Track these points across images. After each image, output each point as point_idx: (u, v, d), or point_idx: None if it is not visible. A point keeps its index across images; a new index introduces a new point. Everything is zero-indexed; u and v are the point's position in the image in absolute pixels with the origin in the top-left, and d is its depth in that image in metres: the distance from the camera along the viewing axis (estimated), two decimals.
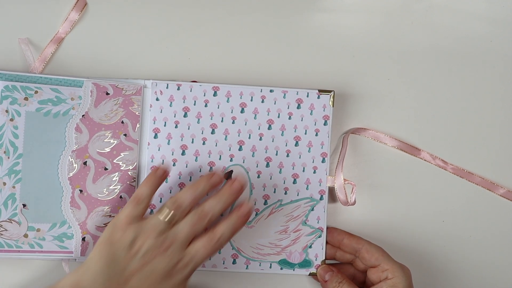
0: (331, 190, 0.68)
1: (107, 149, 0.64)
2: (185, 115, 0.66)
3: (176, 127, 0.66)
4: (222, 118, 0.66)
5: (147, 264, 0.57)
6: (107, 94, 0.64)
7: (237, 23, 0.69)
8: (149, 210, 0.64)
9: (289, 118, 0.66)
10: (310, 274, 0.66)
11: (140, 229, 0.57)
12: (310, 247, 0.66)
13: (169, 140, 0.65)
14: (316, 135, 0.66)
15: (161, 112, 0.65)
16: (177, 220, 0.58)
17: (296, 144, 0.66)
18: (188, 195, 0.59)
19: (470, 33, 0.71)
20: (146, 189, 0.59)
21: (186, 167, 0.66)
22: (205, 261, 0.60)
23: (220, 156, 0.66)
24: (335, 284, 0.63)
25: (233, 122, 0.66)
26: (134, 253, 0.57)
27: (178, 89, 0.66)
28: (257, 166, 0.66)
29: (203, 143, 0.66)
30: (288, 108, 0.66)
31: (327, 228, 0.67)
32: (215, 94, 0.66)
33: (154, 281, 0.57)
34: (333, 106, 0.66)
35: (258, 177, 0.66)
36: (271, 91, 0.66)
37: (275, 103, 0.66)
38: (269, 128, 0.66)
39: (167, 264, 0.57)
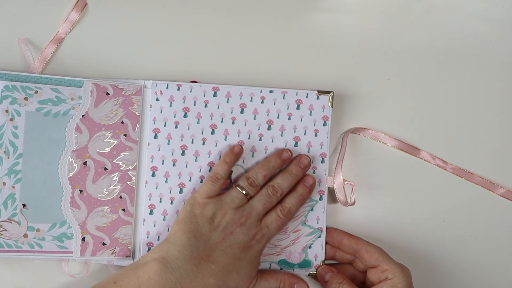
0: (331, 191, 0.68)
1: (107, 149, 0.64)
2: (185, 116, 0.66)
3: (176, 127, 0.66)
4: (222, 118, 0.66)
5: (228, 237, 0.61)
6: (107, 94, 0.64)
7: (237, 23, 0.69)
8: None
9: (289, 118, 0.66)
10: (310, 275, 0.66)
11: (219, 204, 0.62)
12: (310, 247, 0.66)
13: (169, 141, 0.66)
14: (316, 135, 0.66)
15: (161, 112, 0.66)
16: (252, 196, 0.63)
17: (296, 145, 0.66)
18: (260, 171, 0.64)
19: (470, 33, 0.71)
20: (223, 167, 0.64)
21: (186, 167, 0.66)
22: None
23: (220, 156, 0.66)
24: (335, 284, 0.63)
25: (233, 123, 0.66)
26: (216, 226, 0.61)
27: (178, 89, 0.66)
28: None
29: (203, 144, 0.66)
30: (287, 108, 0.66)
31: (326, 228, 0.67)
32: (215, 95, 0.66)
33: (235, 252, 0.60)
34: (332, 107, 0.67)
35: None
36: (270, 91, 0.66)
37: (274, 104, 0.66)
38: (269, 128, 0.66)
39: (246, 236, 0.61)
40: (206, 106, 0.66)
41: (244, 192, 0.62)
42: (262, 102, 0.66)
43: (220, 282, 0.59)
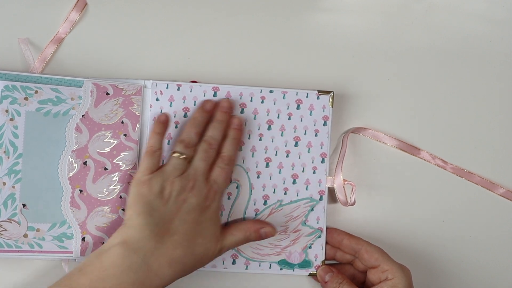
0: (331, 191, 0.68)
1: (107, 149, 0.64)
2: (185, 116, 0.66)
3: (176, 127, 0.66)
4: None
5: (182, 204, 0.60)
6: (107, 94, 0.64)
7: (237, 23, 0.69)
8: None
9: (289, 118, 0.66)
10: (310, 275, 0.66)
11: (163, 176, 0.61)
12: (310, 247, 0.66)
13: (169, 140, 0.65)
14: (316, 135, 0.66)
15: (161, 112, 0.65)
16: (191, 157, 0.62)
17: (296, 145, 0.66)
18: (191, 131, 0.63)
19: (470, 33, 0.71)
20: (156, 139, 0.63)
21: None
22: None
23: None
24: (335, 285, 0.63)
25: None
26: (167, 199, 0.60)
27: (178, 89, 0.66)
28: (256, 167, 0.66)
29: None
30: (287, 108, 0.66)
31: (326, 228, 0.67)
32: (215, 95, 0.66)
33: (193, 217, 0.60)
34: (332, 106, 0.67)
35: (258, 177, 0.66)
36: (270, 91, 0.66)
37: (274, 104, 0.66)
38: (269, 128, 0.66)
39: (199, 198, 0.61)
40: None
41: (183, 156, 0.62)
42: (262, 102, 0.66)
43: (188, 251, 0.59)
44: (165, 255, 0.58)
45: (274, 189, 0.66)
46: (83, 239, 0.64)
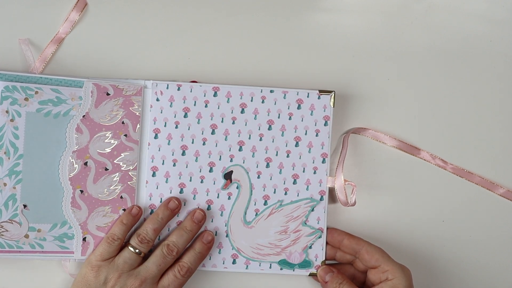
0: (331, 191, 0.68)
1: (108, 150, 0.64)
2: (185, 116, 0.66)
3: (176, 127, 0.66)
4: (222, 118, 0.66)
5: None
6: (108, 94, 0.64)
7: (237, 23, 0.69)
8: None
9: (290, 118, 0.66)
10: (310, 275, 0.66)
11: (112, 267, 0.61)
12: (310, 247, 0.66)
13: (169, 141, 0.66)
14: (317, 135, 0.66)
15: (161, 112, 0.65)
16: (145, 253, 0.62)
17: (297, 145, 0.66)
18: (149, 226, 0.63)
19: (470, 33, 0.71)
20: (120, 228, 0.63)
21: (186, 167, 0.66)
22: None
23: (220, 156, 0.66)
24: (335, 285, 0.63)
25: (233, 123, 0.66)
26: None
27: (179, 89, 0.66)
28: (257, 167, 0.66)
29: (203, 144, 0.66)
30: (288, 108, 0.66)
31: (327, 228, 0.67)
32: (215, 95, 0.66)
33: None
34: (333, 106, 0.66)
35: (258, 177, 0.66)
36: (271, 91, 0.66)
37: (275, 104, 0.66)
38: (269, 128, 0.66)
39: None
40: (206, 106, 0.66)
41: (136, 251, 0.61)
42: (263, 102, 0.66)
43: None
44: None
45: (275, 189, 0.66)
46: (84, 239, 0.64)
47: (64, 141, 0.63)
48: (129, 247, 0.62)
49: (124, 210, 0.64)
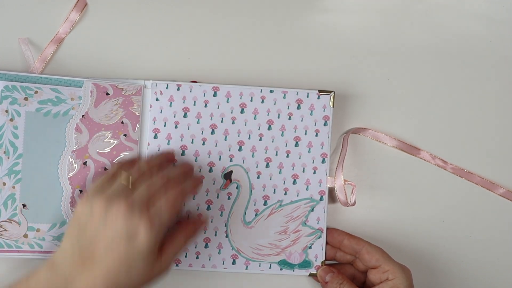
0: (331, 191, 0.68)
1: (107, 149, 0.64)
2: (185, 116, 0.66)
3: (176, 127, 0.66)
4: (222, 118, 0.66)
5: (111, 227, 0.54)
6: (107, 94, 0.64)
7: (237, 23, 0.69)
8: None
9: (289, 118, 0.66)
10: (310, 275, 0.66)
11: (101, 196, 0.56)
12: (310, 247, 0.66)
13: (169, 141, 0.65)
14: (316, 135, 0.66)
15: (161, 112, 0.65)
16: (136, 182, 0.57)
17: (296, 145, 0.66)
18: (143, 161, 0.61)
19: (470, 33, 0.71)
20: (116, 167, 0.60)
21: None
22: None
23: (220, 156, 0.66)
24: (335, 285, 0.63)
25: (233, 123, 0.66)
26: (97, 219, 0.54)
27: (178, 89, 0.66)
28: (257, 167, 0.66)
29: (203, 144, 0.66)
30: (288, 108, 0.66)
31: (327, 228, 0.67)
32: (215, 95, 0.66)
33: (121, 247, 0.54)
34: (333, 106, 0.66)
35: (258, 177, 0.66)
36: (271, 91, 0.66)
37: (275, 104, 0.66)
38: (269, 128, 0.66)
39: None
40: (206, 106, 0.66)
41: (128, 178, 0.58)
42: (262, 102, 0.66)
43: (110, 282, 0.53)
44: (85, 282, 0.53)
45: (274, 189, 0.66)
46: None
47: (64, 141, 0.63)
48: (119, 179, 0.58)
49: None
